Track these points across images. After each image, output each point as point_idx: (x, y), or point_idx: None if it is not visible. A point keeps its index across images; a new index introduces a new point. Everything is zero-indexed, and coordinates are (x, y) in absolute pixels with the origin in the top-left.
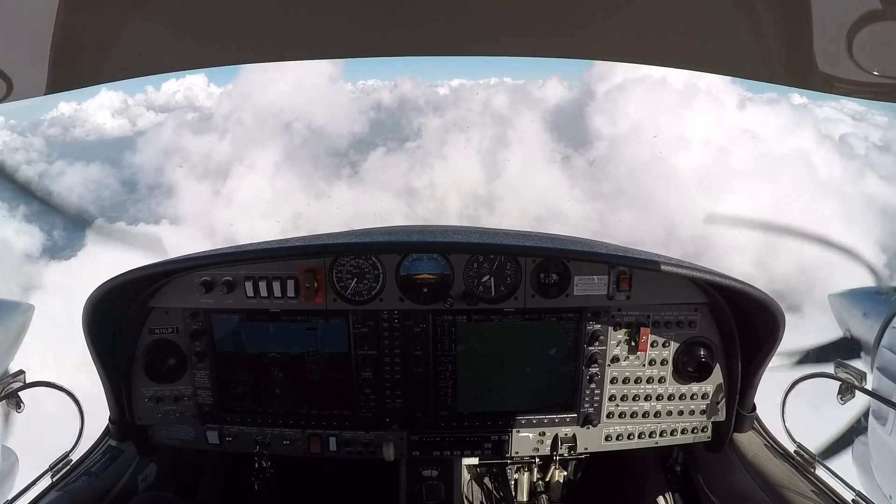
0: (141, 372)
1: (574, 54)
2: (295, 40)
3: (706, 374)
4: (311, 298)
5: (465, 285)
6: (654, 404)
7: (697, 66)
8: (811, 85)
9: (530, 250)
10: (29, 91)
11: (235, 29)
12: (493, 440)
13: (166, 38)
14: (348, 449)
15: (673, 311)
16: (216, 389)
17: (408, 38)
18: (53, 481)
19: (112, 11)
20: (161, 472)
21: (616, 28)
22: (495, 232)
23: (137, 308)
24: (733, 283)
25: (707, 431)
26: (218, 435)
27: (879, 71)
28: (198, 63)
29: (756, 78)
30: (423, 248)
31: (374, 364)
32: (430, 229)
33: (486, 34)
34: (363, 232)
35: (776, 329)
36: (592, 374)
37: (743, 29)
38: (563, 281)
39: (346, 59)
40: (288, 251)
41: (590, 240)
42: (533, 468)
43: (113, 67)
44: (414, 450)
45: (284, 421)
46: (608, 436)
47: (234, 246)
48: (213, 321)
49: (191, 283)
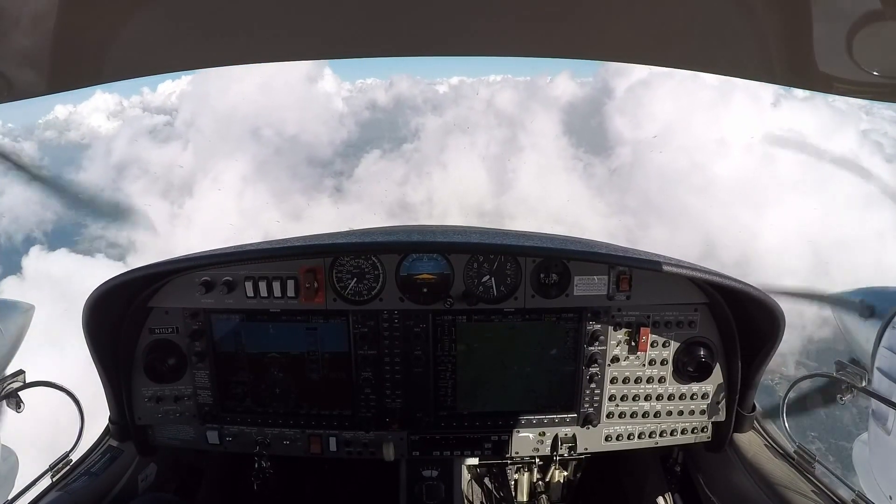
0: (141, 372)
1: (573, 54)
2: (295, 40)
3: (706, 374)
4: (311, 298)
5: (465, 285)
6: (654, 404)
7: (697, 66)
8: (811, 85)
9: (530, 250)
10: (29, 91)
11: (235, 29)
12: (493, 440)
13: (166, 38)
14: (348, 449)
15: (673, 311)
16: (216, 389)
17: (407, 39)
18: (53, 481)
19: (112, 11)
20: (161, 473)
21: (616, 28)
22: (495, 232)
23: (137, 308)
24: (733, 283)
25: (707, 431)
26: (218, 435)
27: (879, 71)
28: (198, 63)
29: (756, 78)
30: (423, 248)
31: (374, 364)
32: (430, 229)
33: (485, 34)
34: (363, 232)
35: (776, 329)
36: (592, 374)
37: (743, 29)
38: (563, 281)
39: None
40: (288, 251)
41: (590, 240)
42: (533, 468)
43: (113, 67)
44: (414, 450)
45: (284, 421)
46: (608, 436)
47: (234, 246)
48: (213, 321)
49: (191, 283)
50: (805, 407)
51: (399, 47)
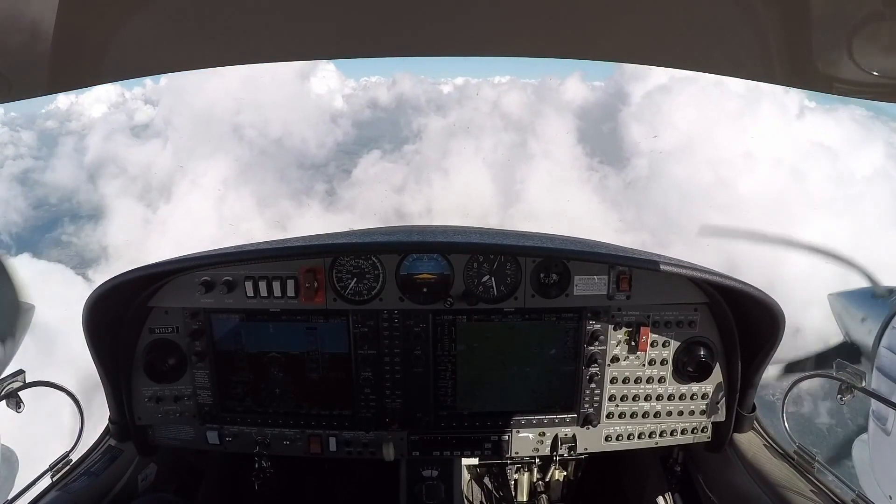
0: (141, 372)
1: (573, 54)
2: (296, 40)
3: (706, 374)
4: (311, 298)
5: (465, 285)
6: (653, 404)
7: (697, 66)
8: (811, 85)
9: (530, 250)
10: (29, 91)
11: (236, 29)
12: (492, 440)
13: (166, 38)
14: (348, 449)
15: (673, 311)
16: (216, 389)
17: (409, 39)
18: (53, 481)
19: (112, 11)
20: (161, 472)
21: (615, 28)
22: (495, 232)
23: (137, 308)
24: (733, 283)
25: (707, 431)
26: (218, 435)
27: (879, 71)
28: (198, 63)
29: (756, 78)
30: (423, 248)
31: (374, 364)
32: (430, 229)
33: (484, 34)
34: (363, 232)
35: (776, 329)
36: (592, 373)
37: (743, 29)
38: (563, 281)
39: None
40: (288, 251)
41: (589, 240)
42: (533, 468)
43: (113, 67)
44: (414, 450)
45: (284, 421)
46: (608, 436)
47: (234, 246)
48: (213, 321)
49: (191, 283)
50: (805, 407)
51: (403, 47)
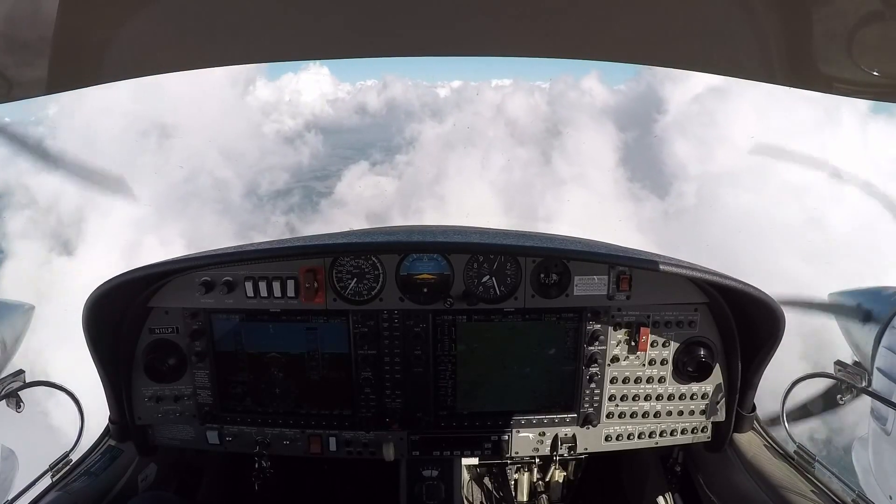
0: (141, 372)
1: (573, 54)
2: (296, 40)
3: (706, 374)
4: (311, 298)
5: (465, 285)
6: (653, 404)
7: (697, 67)
8: (811, 85)
9: (530, 250)
10: (29, 91)
11: (236, 29)
12: (492, 440)
13: (166, 38)
14: (348, 449)
15: (673, 311)
16: (216, 389)
17: (405, 38)
18: (53, 481)
19: (112, 11)
20: (161, 472)
21: (616, 28)
22: (495, 232)
23: (137, 308)
24: (733, 283)
25: (707, 431)
26: (218, 435)
27: (879, 71)
28: (198, 63)
29: (756, 78)
30: (423, 248)
31: (374, 364)
32: (430, 229)
33: (484, 34)
34: (363, 232)
35: (776, 329)
36: (592, 373)
37: (743, 29)
38: (563, 281)
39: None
40: (288, 251)
41: (589, 240)
42: (533, 468)
43: (113, 67)
44: (414, 450)
45: (284, 421)
46: (608, 436)
47: (234, 246)
48: (213, 321)
49: (191, 283)
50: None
51: (396, 47)
